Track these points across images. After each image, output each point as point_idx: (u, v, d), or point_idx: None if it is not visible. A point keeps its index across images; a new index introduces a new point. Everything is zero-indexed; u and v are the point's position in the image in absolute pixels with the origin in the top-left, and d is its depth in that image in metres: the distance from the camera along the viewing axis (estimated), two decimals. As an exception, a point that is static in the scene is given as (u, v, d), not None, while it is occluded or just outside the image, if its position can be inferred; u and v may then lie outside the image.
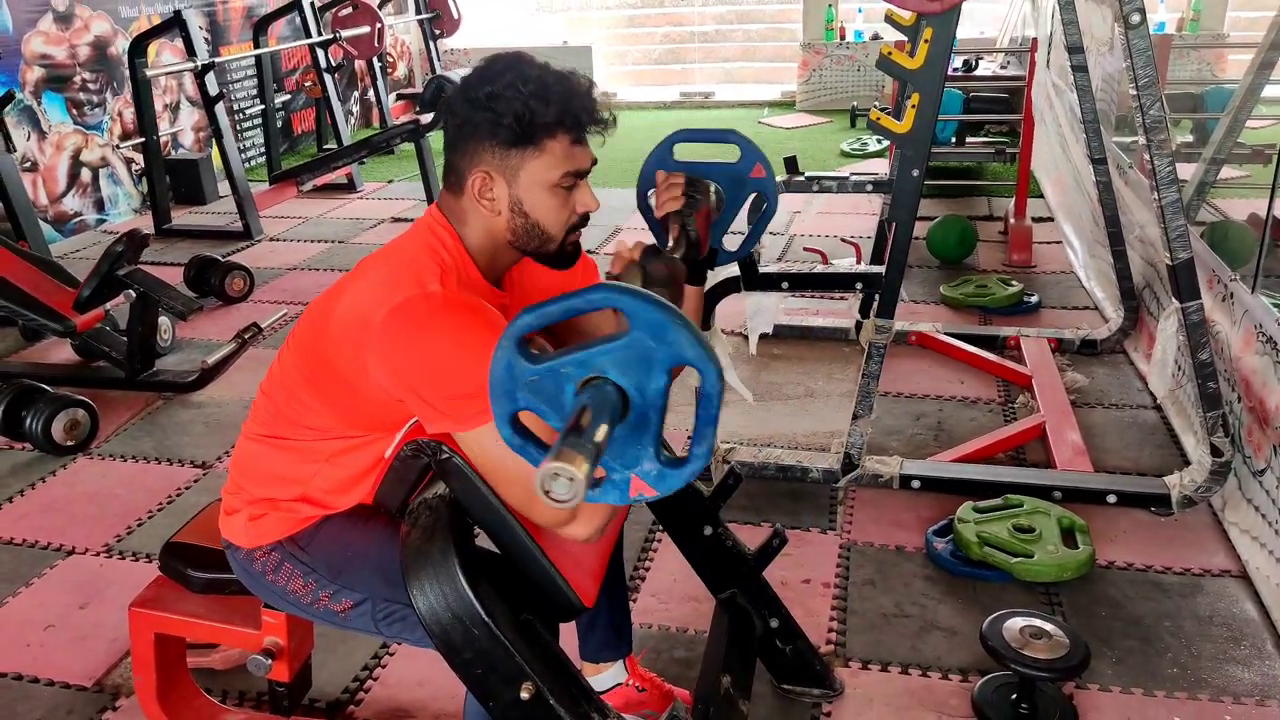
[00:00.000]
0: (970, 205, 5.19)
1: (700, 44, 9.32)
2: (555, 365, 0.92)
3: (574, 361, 0.92)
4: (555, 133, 1.29)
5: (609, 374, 0.91)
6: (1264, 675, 1.95)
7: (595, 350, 0.91)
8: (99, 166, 5.50)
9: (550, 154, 1.30)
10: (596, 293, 0.92)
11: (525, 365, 0.93)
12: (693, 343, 0.90)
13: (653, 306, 0.91)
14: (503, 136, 1.28)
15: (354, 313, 1.28)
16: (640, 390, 0.92)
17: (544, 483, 0.84)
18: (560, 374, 0.92)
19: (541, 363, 0.92)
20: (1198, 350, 2.29)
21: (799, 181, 3.30)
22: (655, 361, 0.91)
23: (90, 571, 2.43)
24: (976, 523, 2.32)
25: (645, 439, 0.93)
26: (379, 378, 1.25)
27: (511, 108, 1.26)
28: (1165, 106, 2.18)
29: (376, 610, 1.38)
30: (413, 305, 1.23)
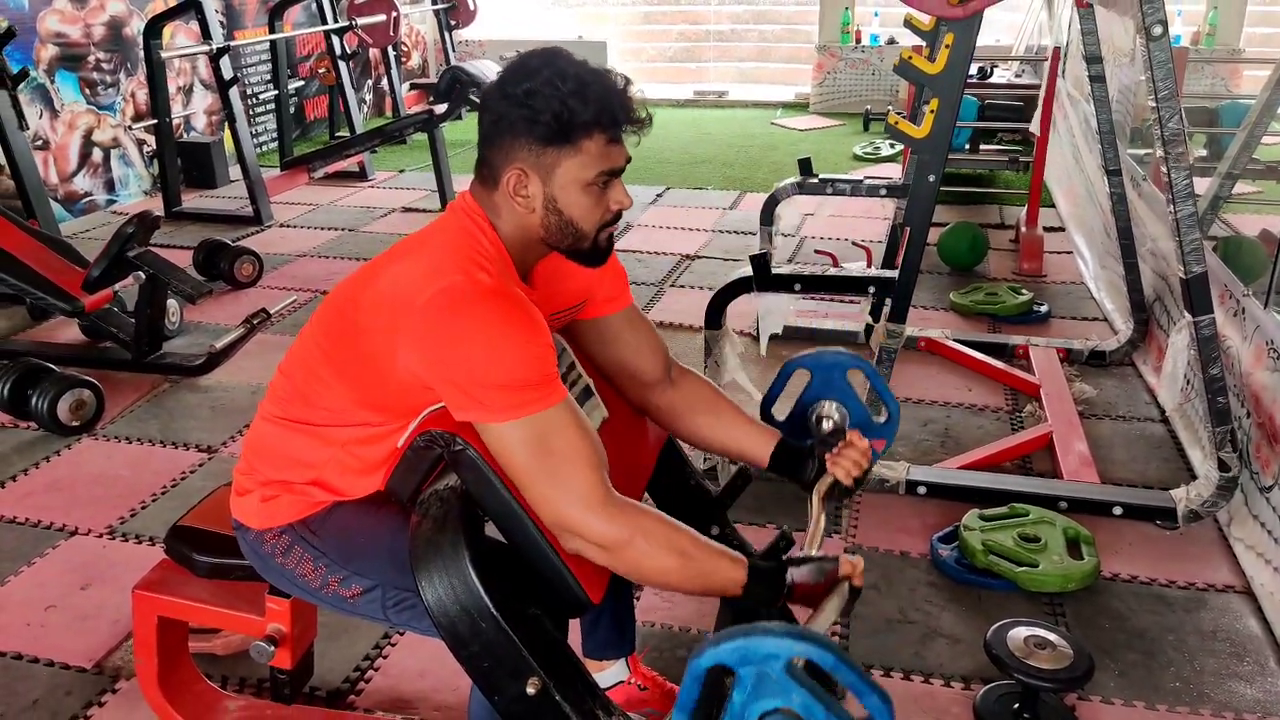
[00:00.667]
0: (982, 213, 5.18)
1: (715, 43, 9.31)
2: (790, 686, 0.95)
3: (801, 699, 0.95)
4: (592, 132, 1.28)
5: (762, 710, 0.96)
6: (1266, 691, 1.94)
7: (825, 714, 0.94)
8: (110, 147, 5.50)
9: (586, 153, 1.29)
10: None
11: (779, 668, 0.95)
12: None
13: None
14: (539, 134, 1.27)
15: (393, 293, 1.27)
16: (787, 700, 0.95)
17: None
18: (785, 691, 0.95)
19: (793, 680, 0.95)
20: (1209, 365, 2.29)
21: (813, 183, 3.31)
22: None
23: (93, 553, 2.42)
24: (982, 531, 2.32)
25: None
26: (410, 360, 1.24)
27: (549, 105, 1.26)
28: (1184, 120, 2.18)
29: (387, 597, 1.38)
30: (457, 289, 1.23)
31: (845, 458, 1.51)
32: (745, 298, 2.50)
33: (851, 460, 1.51)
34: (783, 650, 0.94)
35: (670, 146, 6.96)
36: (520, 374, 1.20)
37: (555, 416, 1.22)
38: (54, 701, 1.94)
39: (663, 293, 4.15)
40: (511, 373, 1.20)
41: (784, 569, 1.29)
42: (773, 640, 0.94)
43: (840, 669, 0.94)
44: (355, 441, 1.37)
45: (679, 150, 6.84)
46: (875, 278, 2.40)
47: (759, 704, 0.95)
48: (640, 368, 1.56)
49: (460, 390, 1.22)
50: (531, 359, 1.22)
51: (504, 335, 1.21)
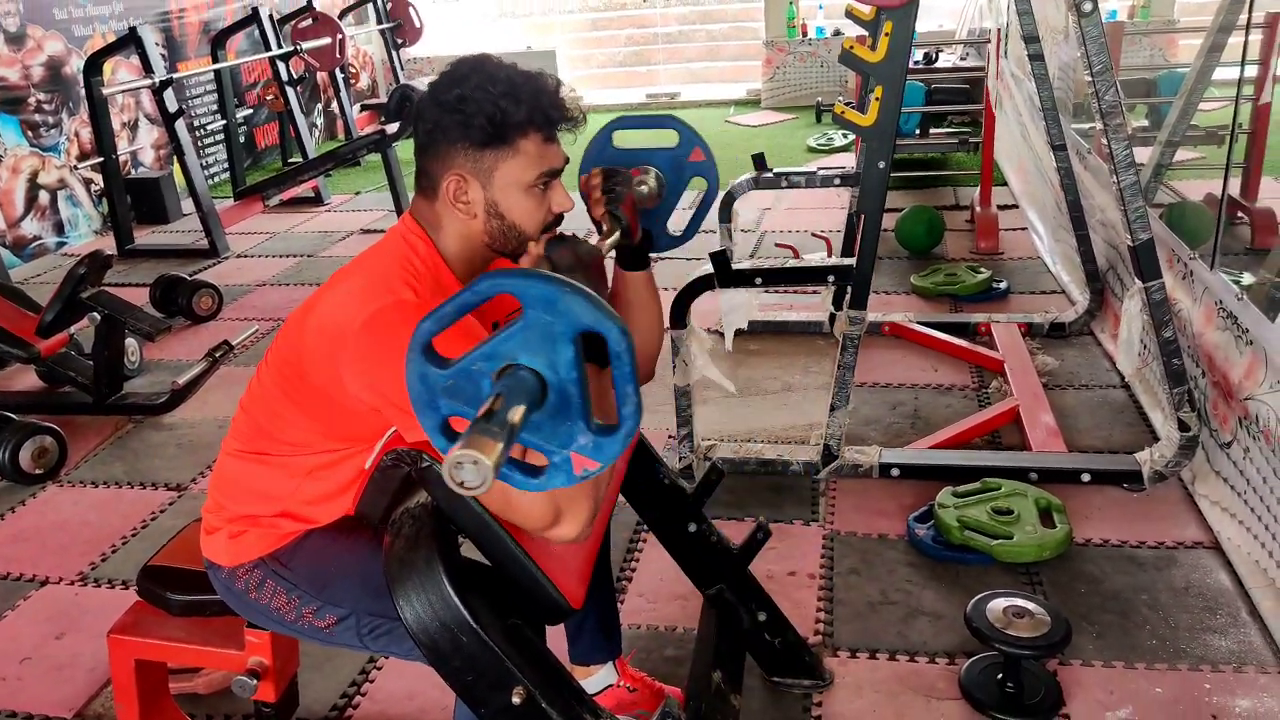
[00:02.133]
0: (937, 195, 5.24)
1: (664, 45, 9.35)
2: (465, 365, 0.92)
3: (481, 356, 0.92)
4: (527, 131, 1.29)
5: (519, 360, 0.91)
6: (1240, 643, 1.99)
7: (498, 339, 0.91)
8: (57, 188, 5.42)
9: (524, 154, 1.30)
10: (484, 281, 0.92)
11: (436, 371, 0.92)
12: (587, 307, 0.89)
13: (537, 282, 0.90)
14: (475, 138, 1.28)
15: (328, 324, 1.27)
16: (552, 368, 0.91)
17: (451, 472, 0.83)
18: (472, 372, 0.92)
19: (450, 366, 0.92)
20: (1161, 328, 2.34)
21: (768, 178, 3.34)
22: (556, 334, 0.90)
23: (65, 601, 2.39)
24: (956, 507, 2.35)
25: (572, 414, 0.92)
26: (355, 388, 1.24)
27: (482, 108, 1.27)
28: (1120, 92, 2.22)
29: (361, 625, 1.37)
30: (386, 314, 1.23)
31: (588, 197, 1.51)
32: (708, 295, 2.51)
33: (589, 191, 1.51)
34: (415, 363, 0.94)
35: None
36: None
37: None
38: (36, 754, 1.91)
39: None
40: None
41: None
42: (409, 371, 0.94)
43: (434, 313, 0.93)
44: (321, 467, 1.36)
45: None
46: (834, 266, 2.42)
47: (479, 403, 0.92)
48: None
49: (403, 411, 1.21)
50: None
51: None
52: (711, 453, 2.67)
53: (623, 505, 1.83)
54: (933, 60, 6.37)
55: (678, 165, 1.61)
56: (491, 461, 0.82)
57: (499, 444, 0.84)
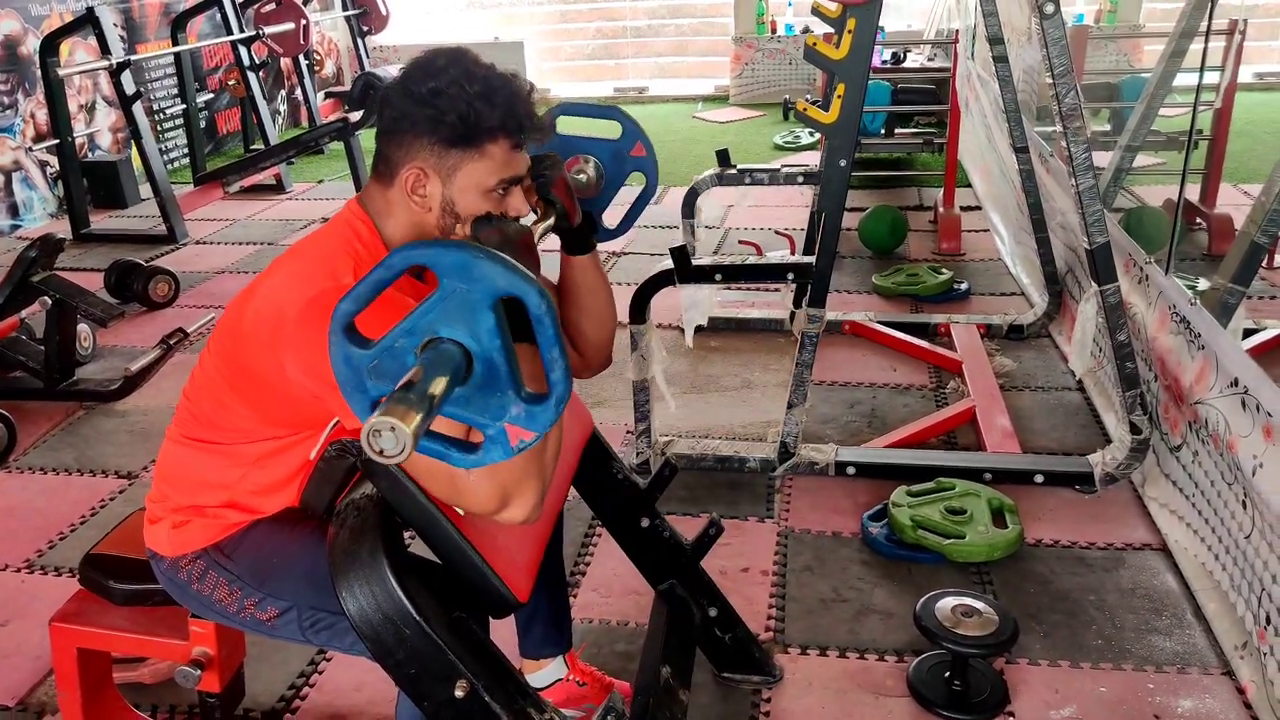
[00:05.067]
0: (901, 196, 5.28)
1: (633, 39, 9.32)
2: (387, 343, 0.90)
3: (402, 332, 0.90)
4: (497, 137, 1.27)
5: (441, 333, 0.90)
6: (1184, 644, 2.02)
7: (416, 313, 0.90)
8: (11, 170, 5.30)
9: (490, 158, 1.28)
10: (396, 254, 0.90)
11: (359, 352, 0.91)
12: (502, 271, 0.88)
13: (448, 249, 0.89)
14: (443, 135, 1.26)
15: (268, 309, 1.25)
16: (475, 338, 0.90)
17: (369, 439, 0.82)
18: (396, 349, 0.91)
19: (372, 345, 0.90)
20: (1115, 331, 2.37)
21: (731, 174, 3.34)
22: (475, 303, 0.89)
23: (11, 588, 2.34)
24: (910, 506, 2.37)
25: (501, 385, 0.91)
26: (295, 374, 1.22)
27: (455, 107, 1.24)
28: (1080, 95, 2.25)
29: (303, 618, 1.36)
30: (327, 298, 1.20)
31: None
32: (668, 290, 2.51)
33: None
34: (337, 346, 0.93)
35: (592, 143, 6.94)
36: None
37: None
38: (-24, 744, 1.87)
39: (590, 290, 4.14)
40: None
41: None
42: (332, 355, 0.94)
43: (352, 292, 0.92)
44: (265, 456, 1.34)
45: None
46: (793, 264, 2.43)
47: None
48: None
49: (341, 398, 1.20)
50: None
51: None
52: (669, 449, 2.67)
53: (576, 500, 1.82)
54: (900, 60, 6.42)
55: (619, 158, 1.59)
56: (410, 428, 0.81)
57: (418, 413, 0.82)
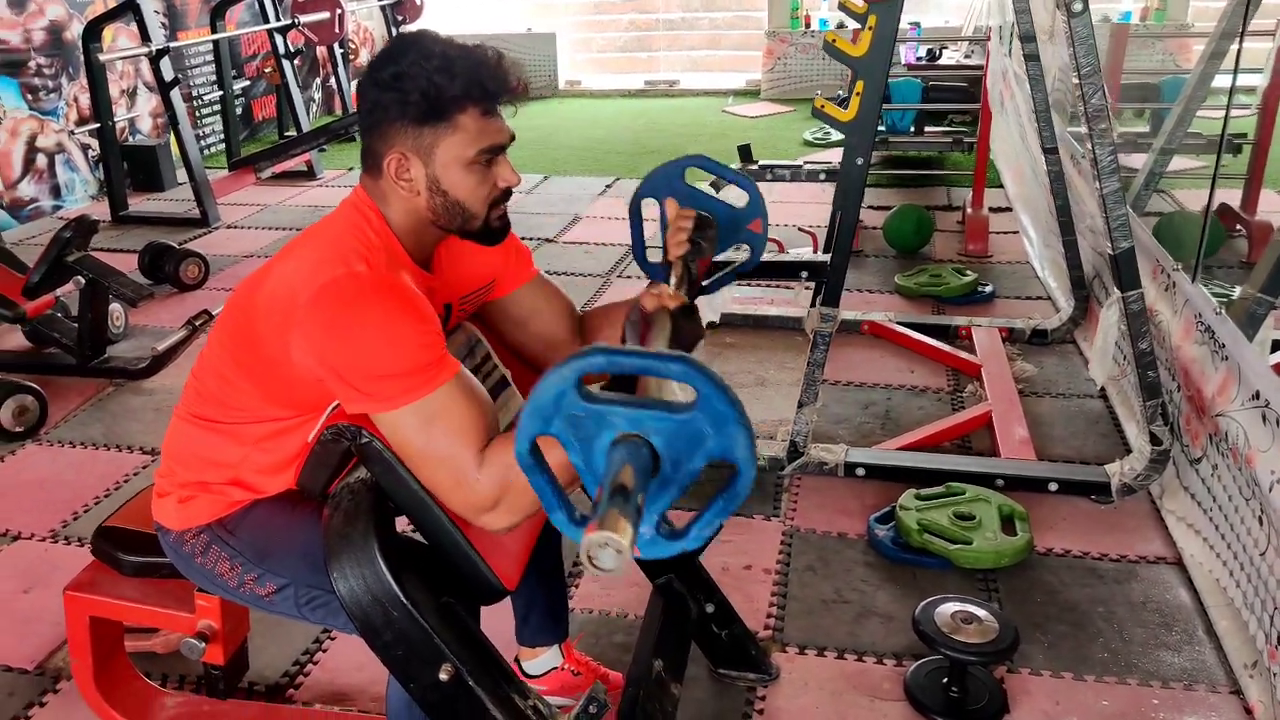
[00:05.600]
0: (929, 195, 5.23)
1: (666, 32, 9.31)
2: (605, 411, 0.91)
3: (625, 416, 0.91)
4: (465, 106, 1.28)
5: (652, 439, 0.91)
6: (1193, 660, 1.99)
7: (651, 413, 0.90)
8: (55, 152, 5.42)
9: (463, 130, 1.29)
10: (676, 365, 0.90)
11: (576, 400, 0.91)
12: (746, 444, 0.90)
13: (725, 399, 0.89)
14: (412, 115, 1.27)
15: (280, 292, 1.27)
16: (674, 464, 0.91)
17: (590, 551, 0.83)
18: (605, 420, 0.91)
19: (594, 403, 0.91)
20: (1138, 339, 2.33)
21: (752, 170, 3.34)
22: (703, 448, 0.90)
23: (35, 556, 2.41)
24: (918, 510, 2.35)
25: (655, 506, 0.93)
26: (302, 356, 1.25)
27: (417, 85, 1.26)
28: (1107, 95, 2.21)
29: (300, 595, 1.39)
30: (339, 284, 1.23)
31: (671, 235, 1.49)
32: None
33: (676, 230, 1.49)
34: (562, 381, 0.91)
35: (620, 137, 6.96)
36: (403, 364, 1.21)
37: (438, 400, 1.22)
38: (-5, 705, 1.93)
39: (609, 284, 4.16)
40: (392, 362, 1.21)
41: None
42: (549, 381, 0.91)
43: (618, 359, 0.92)
44: (268, 437, 1.37)
45: (629, 141, 6.84)
46: (808, 262, 2.42)
47: (592, 449, 0.93)
48: (556, 333, 1.57)
49: (347, 383, 1.22)
50: (412, 347, 1.22)
51: (384, 327, 1.21)
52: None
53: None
54: (936, 56, 6.35)
55: (734, 225, 1.59)
56: (628, 546, 0.84)
57: (632, 528, 0.85)
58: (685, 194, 1.61)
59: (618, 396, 0.91)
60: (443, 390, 1.23)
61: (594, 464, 0.92)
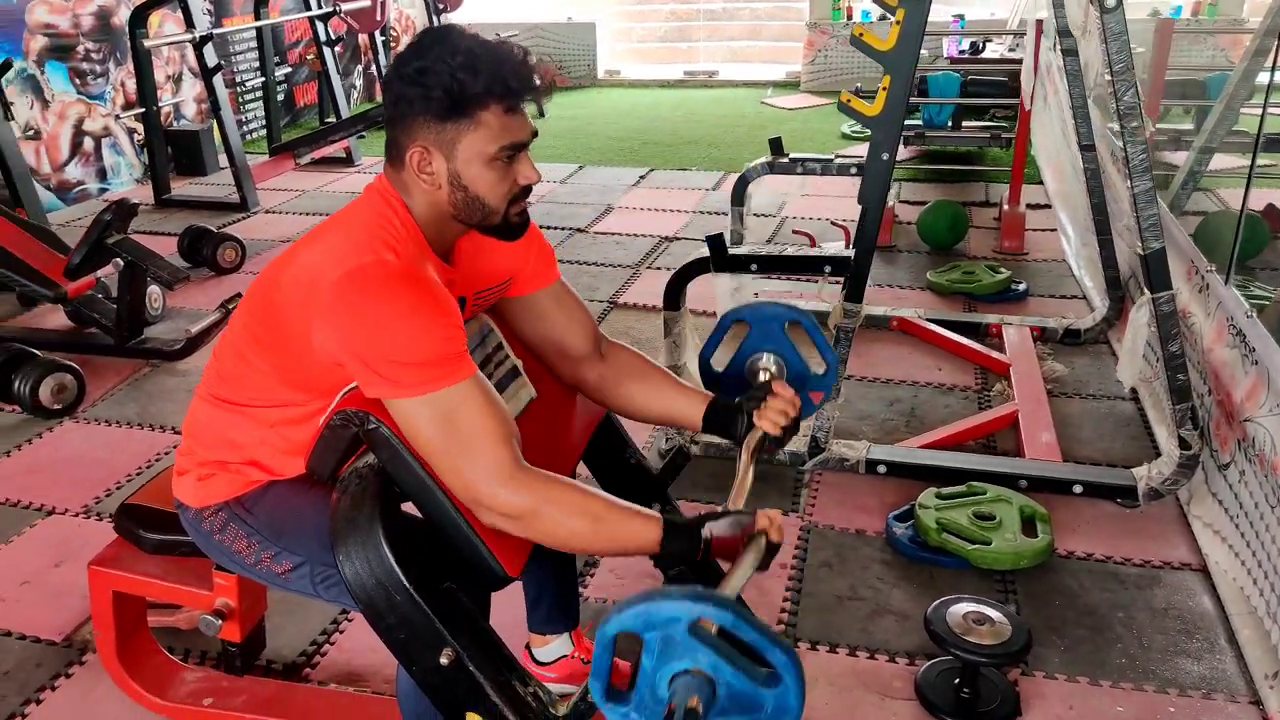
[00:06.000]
0: (967, 191, 5.17)
1: (706, 22, 9.27)
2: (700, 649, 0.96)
3: (710, 660, 0.96)
4: (487, 104, 1.29)
5: (719, 688, 0.97)
6: (1213, 669, 1.95)
7: (733, 671, 0.95)
8: (102, 136, 5.54)
9: (486, 126, 1.30)
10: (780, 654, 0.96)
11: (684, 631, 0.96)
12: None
13: (799, 700, 0.96)
14: (435, 110, 1.29)
15: (306, 275, 1.30)
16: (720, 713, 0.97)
17: None
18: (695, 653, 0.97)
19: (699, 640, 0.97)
20: (1168, 341, 2.29)
21: (783, 163, 3.32)
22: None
23: (68, 531, 2.47)
24: (937, 509, 2.33)
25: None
26: (322, 339, 1.27)
27: (440, 81, 1.27)
28: (1140, 93, 2.17)
29: (315, 573, 1.41)
30: (366, 271, 1.25)
31: (771, 408, 1.50)
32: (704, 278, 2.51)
33: (777, 410, 1.50)
34: (683, 613, 0.95)
35: (657, 128, 6.94)
36: (425, 352, 1.23)
37: (460, 393, 1.24)
38: (24, 674, 1.99)
39: (638, 274, 4.16)
40: (416, 351, 1.22)
41: (700, 524, 1.31)
42: (672, 603, 0.96)
43: (740, 626, 0.95)
44: (284, 422, 1.40)
45: (666, 132, 6.82)
46: (830, 257, 2.40)
47: (667, 667, 0.97)
48: (570, 343, 1.58)
49: (367, 366, 1.24)
50: (436, 338, 1.24)
51: (409, 315, 1.23)
52: (699, 437, 2.67)
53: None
54: (979, 50, 6.25)
55: (800, 382, 1.59)
56: None
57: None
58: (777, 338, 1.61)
59: (718, 644, 0.96)
60: (461, 386, 1.25)
61: (660, 672, 0.98)
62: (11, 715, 1.88)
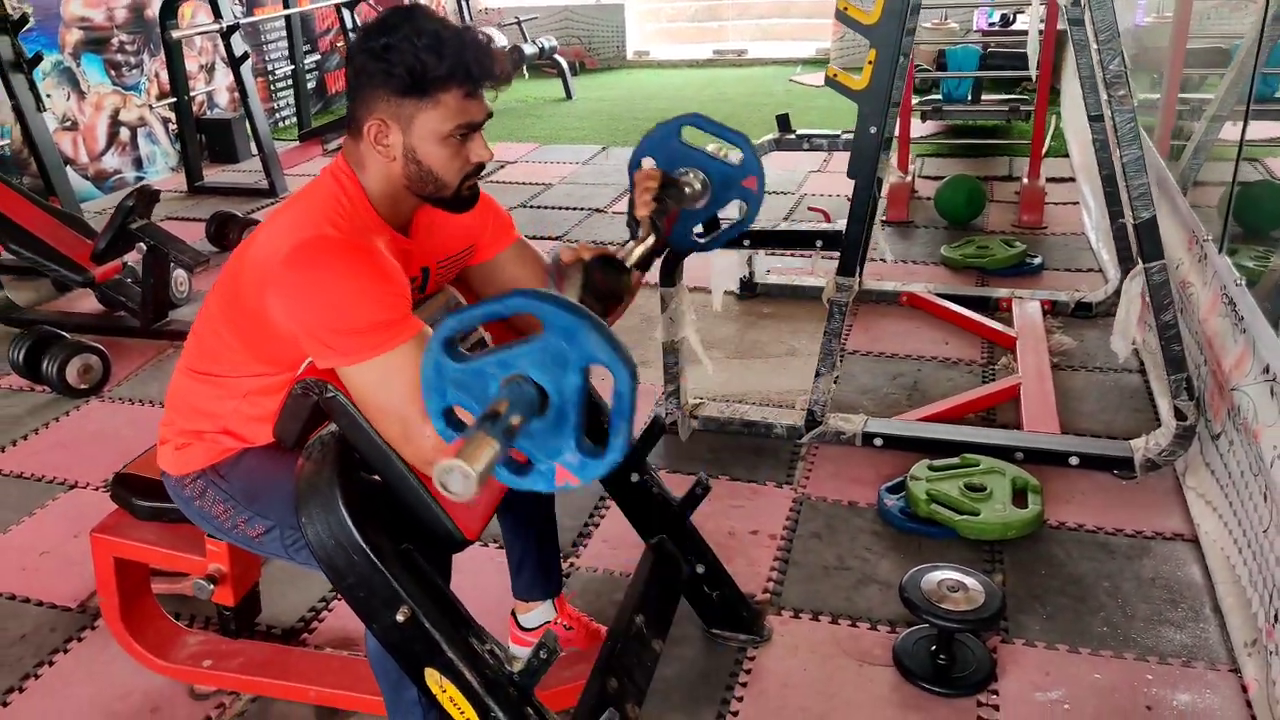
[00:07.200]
0: (990, 165, 5.10)
1: (735, 0, 9.19)
2: (479, 365, 1.00)
3: (495, 361, 1.00)
4: (448, 86, 1.34)
5: (529, 373, 0.99)
6: (1195, 638, 1.95)
7: (515, 351, 0.99)
8: (137, 126, 5.69)
9: (444, 106, 1.35)
10: (515, 298, 0.99)
11: (451, 364, 1.00)
12: (604, 345, 0.96)
13: (564, 311, 0.96)
14: (395, 87, 1.33)
15: (260, 253, 1.37)
16: (558, 390, 0.99)
17: (441, 478, 0.92)
18: (484, 372, 1.00)
19: (466, 362, 0.99)
20: (1161, 311, 2.27)
21: (790, 139, 3.32)
22: (569, 362, 0.98)
23: (89, 504, 2.58)
24: (928, 480, 2.34)
25: (565, 432, 1.00)
26: (278, 315, 1.33)
27: (404, 60, 1.32)
28: (1126, 61, 2.15)
29: (285, 537, 1.48)
30: (308, 246, 1.31)
31: (637, 195, 1.56)
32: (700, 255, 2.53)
33: (642, 190, 1.56)
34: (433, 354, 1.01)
35: (684, 108, 6.81)
36: (365, 319, 1.28)
37: (402, 355, 1.29)
38: (39, 637, 2.10)
39: (653, 253, 4.19)
40: (356, 318, 1.28)
41: None
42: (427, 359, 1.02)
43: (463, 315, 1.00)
44: (255, 392, 1.46)
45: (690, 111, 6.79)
46: (821, 232, 2.42)
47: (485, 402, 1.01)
48: None
49: (314, 338, 1.30)
50: (375, 304, 1.29)
51: (346, 283, 1.29)
52: (698, 411, 2.71)
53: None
54: (1010, 22, 6.13)
55: (728, 183, 1.64)
56: (477, 471, 0.92)
57: (492, 451, 0.93)
58: (679, 153, 1.65)
59: (485, 350, 0.99)
60: (403, 348, 1.29)
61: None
62: (25, 675, 1.99)
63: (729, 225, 1.76)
